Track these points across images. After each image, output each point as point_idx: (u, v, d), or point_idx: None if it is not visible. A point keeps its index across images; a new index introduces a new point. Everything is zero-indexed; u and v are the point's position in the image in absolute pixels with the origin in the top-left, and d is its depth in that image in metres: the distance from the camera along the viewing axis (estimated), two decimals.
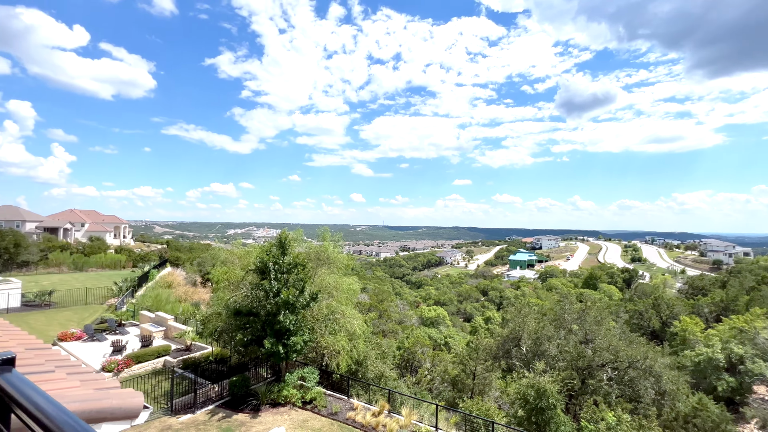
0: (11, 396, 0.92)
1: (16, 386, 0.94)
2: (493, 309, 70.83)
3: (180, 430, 12.54)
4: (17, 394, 0.92)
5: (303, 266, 16.36)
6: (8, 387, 0.94)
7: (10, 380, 0.97)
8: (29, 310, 24.45)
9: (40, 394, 0.91)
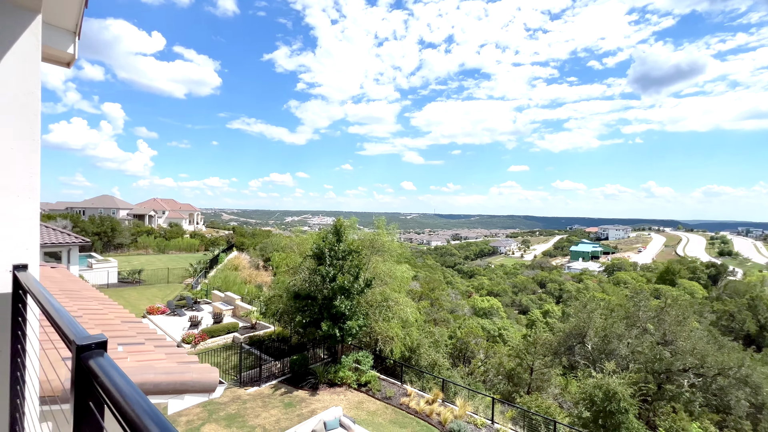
0: (102, 382, 0.84)
1: (106, 372, 0.88)
2: (551, 302, 66.99)
3: (247, 400, 13.61)
4: (107, 380, 0.87)
5: (357, 253, 16.66)
6: (100, 372, 0.88)
7: (101, 364, 0.91)
8: (124, 287, 28.05)
9: (128, 383, 0.84)
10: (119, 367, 0.94)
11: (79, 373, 0.97)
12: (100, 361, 0.96)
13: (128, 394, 0.84)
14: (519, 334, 37.11)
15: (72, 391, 0.99)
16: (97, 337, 1.04)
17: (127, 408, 0.80)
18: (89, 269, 27.17)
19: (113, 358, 2.62)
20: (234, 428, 11.73)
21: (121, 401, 0.83)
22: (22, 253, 2.36)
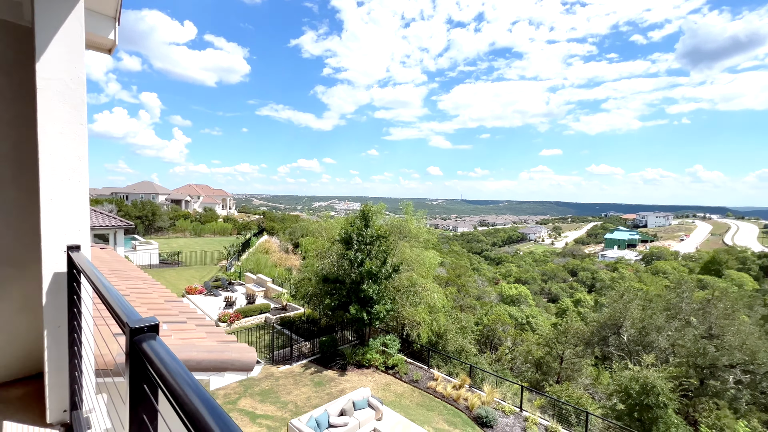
0: (156, 366, 0.80)
1: (159, 356, 0.84)
2: (583, 291, 64.85)
3: (280, 378, 14.20)
4: (160, 364, 0.88)
5: (385, 238, 16.69)
6: (153, 356, 0.85)
7: (154, 348, 0.88)
8: (164, 267, 29.75)
9: (180, 368, 0.81)
10: (171, 351, 0.92)
11: (133, 356, 0.96)
12: (153, 344, 0.94)
13: (181, 379, 0.82)
14: (548, 323, 36.32)
15: (127, 374, 0.98)
16: (149, 320, 1.02)
17: (180, 392, 0.78)
18: (133, 251, 28.96)
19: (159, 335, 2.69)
20: (268, 403, 12.30)
21: (175, 386, 0.80)
22: (75, 234, 2.46)
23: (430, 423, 11.74)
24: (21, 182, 2.93)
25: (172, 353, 0.92)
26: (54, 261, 2.39)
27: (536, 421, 12.12)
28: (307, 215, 75.43)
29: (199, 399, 0.75)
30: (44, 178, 2.32)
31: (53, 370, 2.43)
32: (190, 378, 0.82)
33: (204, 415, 0.71)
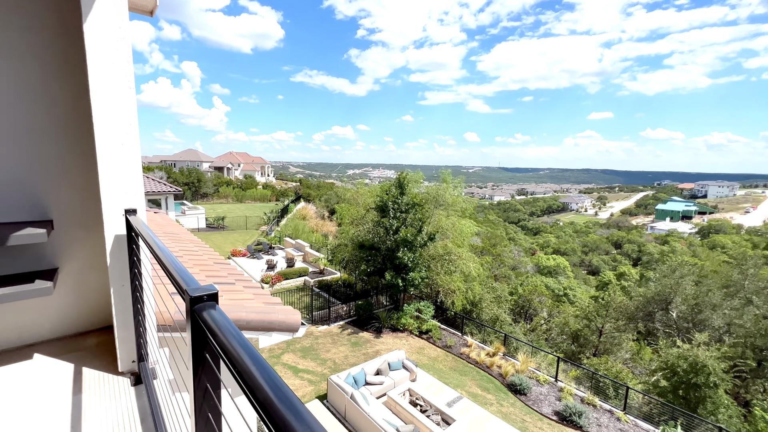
0: (216, 336, 0.85)
1: (219, 325, 0.78)
2: (627, 264, 61.75)
3: (319, 337, 15.02)
4: (220, 333, 0.85)
5: (421, 206, 16.51)
6: (213, 324, 0.78)
7: (214, 317, 0.81)
8: (210, 231, 31.68)
9: (240, 338, 0.78)
10: (229, 320, 0.87)
11: (194, 323, 0.93)
12: (213, 314, 0.90)
13: (240, 348, 0.76)
14: (587, 295, 35.22)
15: (189, 340, 0.96)
16: (208, 289, 0.98)
17: (240, 360, 0.74)
18: (183, 215, 30.96)
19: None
20: (309, 359, 13.12)
21: (234, 354, 0.76)
22: (131, 198, 2.54)
23: (463, 387, 12.02)
24: (81, 149, 3.06)
25: (230, 322, 0.87)
26: (114, 224, 2.50)
27: (572, 392, 12.03)
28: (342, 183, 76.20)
29: (259, 372, 0.71)
30: (99, 143, 2.38)
31: (121, 324, 2.62)
32: (249, 348, 0.78)
33: (263, 385, 0.67)
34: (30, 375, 2.69)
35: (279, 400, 0.62)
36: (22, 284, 2.67)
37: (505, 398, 11.62)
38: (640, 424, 10.84)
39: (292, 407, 0.60)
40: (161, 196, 26.01)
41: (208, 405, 0.97)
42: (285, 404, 0.61)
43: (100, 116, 2.36)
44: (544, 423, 10.56)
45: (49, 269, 3.01)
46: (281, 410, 0.60)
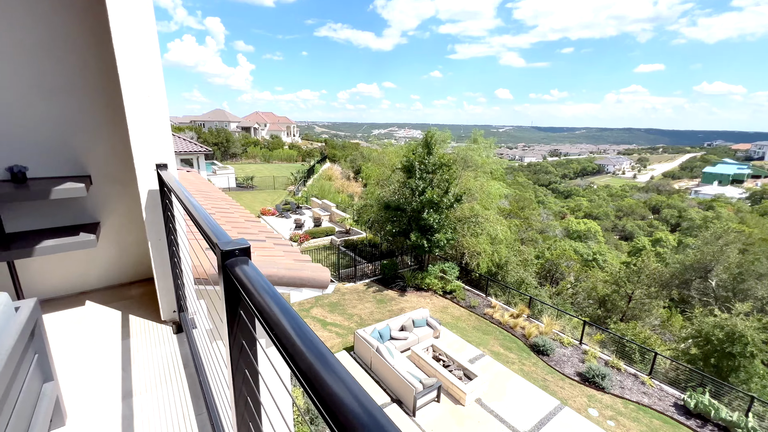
0: (249, 291, 0.81)
1: (251, 279, 0.70)
2: (664, 230, 58.89)
3: (345, 293, 15.59)
4: (253, 288, 0.80)
5: (448, 167, 16.06)
6: (245, 279, 0.71)
7: (246, 272, 0.74)
8: (240, 191, 32.62)
9: (273, 293, 0.73)
10: (261, 274, 0.81)
11: (226, 278, 0.88)
12: (245, 269, 0.84)
13: (273, 304, 0.70)
14: (618, 261, 34.23)
15: (222, 294, 0.91)
16: (239, 243, 0.92)
17: (273, 316, 0.69)
18: (214, 174, 31.89)
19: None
20: (336, 314, 13.74)
21: (268, 309, 0.70)
22: (161, 153, 2.52)
23: (486, 345, 12.29)
24: (111, 106, 3.05)
25: (263, 277, 0.81)
26: (147, 179, 2.52)
27: (596, 355, 12.04)
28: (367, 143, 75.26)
29: (291, 327, 0.66)
30: (127, 96, 2.33)
31: (160, 276, 2.72)
32: (281, 302, 0.73)
33: (295, 339, 0.63)
34: (84, 319, 2.90)
35: (309, 351, 0.58)
36: (69, 236, 2.80)
37: (527, 358, 11.81)
38: (665, 388, 10.80)
39: (321, 357, 0.55)
40: (193, 156, 26.74)
41: (244, 360, 0.95)
42: (315, 354, 0.57)
43: (125, 68, 2.29)
44: (566, 383, 10.72)
45: (92, 223, 3.14)
46: (312, 361, 0.55)
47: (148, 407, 2.04)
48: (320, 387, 0.49)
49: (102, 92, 3.02)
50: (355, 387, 0.49)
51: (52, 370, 1.80)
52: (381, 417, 0.43)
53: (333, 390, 0.48)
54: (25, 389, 1.56)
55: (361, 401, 0.46)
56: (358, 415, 0.43)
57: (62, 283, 3.24)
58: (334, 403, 0.46)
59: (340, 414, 0.45)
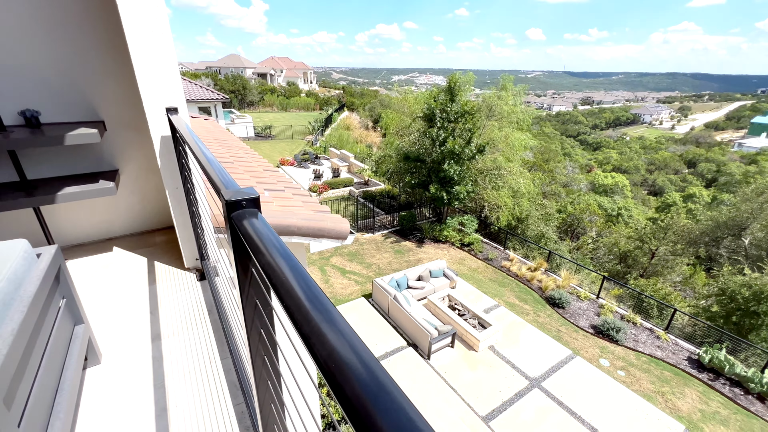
0: (255, 246, 0.71)
1: (261, 235, 0.57)
2: (699, 185, 55.94)
3: (364, 243, 15.87)
4: (261, 244, 0.69)
5: (471, 115, 15.24)
6: (254, 235, 0.58)
7: (255, 226, 0.61)
8: (258, 140, 32.47)
9: (282, 250, 0.62)
10: (273, 230, 0.70)
11: (233, 232, 0.77)
12: (253, 222, 0.73)
13: (285, 264, 0.59)
14: (644, 217, 33.16)
15: (232, 251, 0.82)
16: (247, 192, 0.80)
17: (283, 279, 0.58)
18: (232, 123, 31.66)
19: (262, 202, 2.73)
20: (355, 263, 14.12)
21: (277, 271, 0.59)
22: (170, 96, 2.37)
23: (501, 297, 12.49)
24: (117, 46, 2.86)
25: (272, 232, 0.70)
26: (158, 124, 2.40)
27: (612, 309, 12.07)
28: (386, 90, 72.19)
29: (301, 288, 0.56)
30: (128, 32, 2.14)
31: (180, 225, 2.72)
32: (292, 261, 0.62)
33: (305, 307, 0.51)
34: (111, 265, 2.99)
35: (317, 311, 0.49)
36: (88, 183, 2.79)
37: (542, 310, 11.99)
38: (680, 343, 10.85)
39: (328, 315, 0.45)
40: (210, 104, 26.40)
41: (259, 319, 0.87)
42: (321, 313, 0.49)
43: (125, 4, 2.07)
44: (579, 334, 10.92)
45: (110, 171, 3.12)
46: (318, 323, 0.48)
47: (176, 350, 2.11)
48: (322, 345, 0.40)
49: (104, 29, 2.82)
50: (359, 346, 0.40)
51: (82, 313, 1.85)
52: (383, 377, 0.38)
53: (336, 348, 0.39)
54: (55, 331, 1.60)
55: (364, 360, 0.38)
56: (359, 374, 0.38)
57: (89, 229, 3.32)
58: (335, 360, 0.41)
59: (338, 373, 0.39)
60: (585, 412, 8.03)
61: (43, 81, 2.75)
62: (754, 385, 8.93)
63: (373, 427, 0.31)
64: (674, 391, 8.97)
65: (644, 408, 8.30)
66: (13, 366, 1.13)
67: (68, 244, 3.22)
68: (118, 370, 1.95)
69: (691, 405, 8.61)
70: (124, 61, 2.91)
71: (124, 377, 1.91)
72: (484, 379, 8.75)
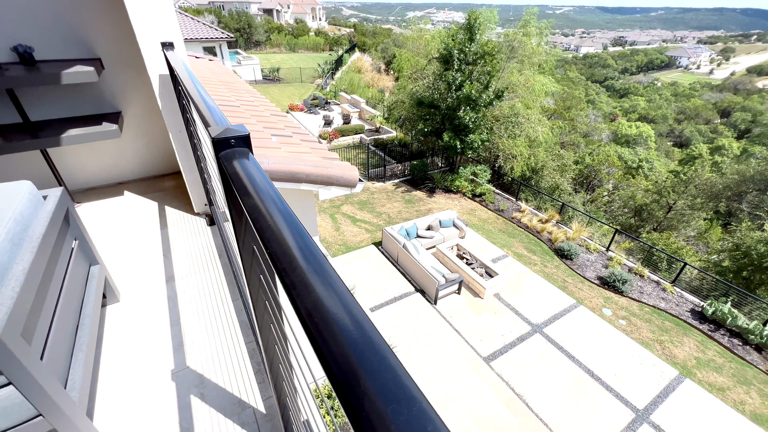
0: (244, 187, 0.64)
1: (249, 174, 0.50)
2: (730, 136, 52.89)
3: (375, 192, 15.85)
4: (248, 184, 0.64)
5: (492, 57, 14.19)
6: (244, 177, 0.52)
7: (245, 167, 0.54)
8: (266, 83, 31.30)
9: (273, 195, 0.58)
10: (264, 172, 0.65)
11: (222, 175, 0.72)
12: (244, 164, 0.67)
13: (272, 209, 0.54)
14: (665, 170, 31.96)
15: (223, 195, 0.77)
16: (236, 130, 0.73)
17: (267, 222, 0.53)
18: (238, 65, 30.36)
19: (268, 147, 2.65)
20: (365, 211, 14.22)
21: (264, 213, 0.54)
22: (165, 30, 2.21)
23: (510, 247, 12.59)
24: None
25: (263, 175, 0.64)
26: (155, 61, 2.27)
27: (621, 261, 12.11)
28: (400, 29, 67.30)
29: (294, 238, 0.50)
30: None
31: (186, 169, 2.69)
32: (283, 208, 0.56)
33: (296, 258, 0.46)
34: (123, 209, 3.04)
35: (303, 257, 0.45)
36: (92, 126, 2.73)
37: (550, 261, 12.10)
38: (685, 295, 10.98)
39: (321, 269, 0.40)
40: (215, 43, 25.14)
41: (257, 265, 0.85)
42: (314, 267, 0.44)
43: None
44: (585, 285, 11.10)
45: (113, 113, 3.04)
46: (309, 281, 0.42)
47: (189, 290, 2.19)
48: (307, 294, 0.36)
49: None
50: (348, 299, 0.36)
51: (96, 254, 1.89)
52: (372, 333, 0.35)
53: (322, 299, 0.35)
54: (71, 271, 1.65)
55: (353, 314, 0.35)
56: (345, 327, 0.35)
57: (99, 173, 3.33)
58: (319, 310, 0.37)
59: (322, 324, 0.36)
60: (582, 355, 8.42)
61: (33, 15, 2.58)
62: (753, 336, 9.13)
63: (358, 389, 0.29)
64: (672, 340, 9.25)
65: (641, 354, 8.65)
66: (28, 303, 1.17)
67: (80, 187, 3.25)
68: (136, 308, 2.05)
69: (687, 353, 8.92)
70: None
71: (142, 315, 2.00)
72: (487, 323, 9.13)
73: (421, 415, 0.26)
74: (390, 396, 0.27)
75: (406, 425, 0.25)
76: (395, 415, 0.26)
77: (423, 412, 0.26)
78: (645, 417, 7.19)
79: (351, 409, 0.25)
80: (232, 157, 0.69)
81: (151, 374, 1.68)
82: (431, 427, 0.24)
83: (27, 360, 1.07)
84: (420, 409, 0.26)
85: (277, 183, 3.14)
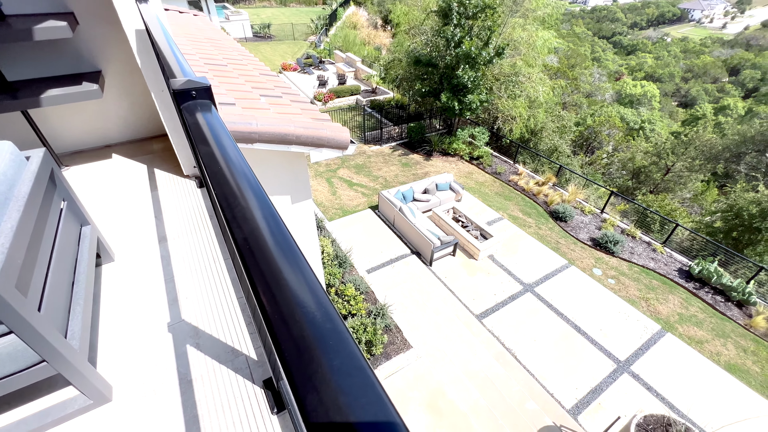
0: (203, 137, 0.65)
1: (212, 128, 0.54)
2: (737, 95, 51.61)
3: (371, 156, 15.67)
4: (206, 133, 0.65)
5: (493, 10, 13.46)
6: (206, 129, 0.55)
7: (209, 120, 0.58)
8: (257, 41, 29.81)
9: (224, 144, 0.52)
10: (225, 125, 0.66)
11: (185, 128, 0.73)
12: (207, 117, 0.68)
13: (219, 156, 0.57)
14: (667, 131, 31.48)
15: (189, 149, 0.79)
16: (197, 81, 0.73)
17: (219, 165, 0.56)
18: (227, 21, 28.74)
19: (257, 108, 2.61)
20: (362, 175, 14.15)
21: (218, 159, 0.57)
22: None
23: (505, 210, 12.69)
24: None
25: (224, 128, 0.66)
26: (129, 15, 2.17)
27: (614, 223, 12.28)
28: None
29: (252, 193, 0.53)
30: None
31: (172, 131, 2.66)
32: (232, 154, 0.59)
33: (253, 217, 0.49)
34: (112, 172, 3.03)
35: (241, 195, 0.46)
36: (71, 85, 2.66)
37: (544, 223, 12.26)
38: (675, 255, 11.26)
39: (284, 241, 0.43)
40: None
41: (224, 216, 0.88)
42: (273, 232, 0.45)
43: None
44: (577, 246, 11.33)
45: (93, 72, 2.94)
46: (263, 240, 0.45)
47: (182, 250, 2.26)
48: (260, 257, 0.39)
49: None
50: (304, 266, 0.38)
51: (86, 215, 1.93)
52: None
53: (274, 263, 0.38)
54: (62, 230, 1.69)
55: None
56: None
57: (84, 136, 3.28)
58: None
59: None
60: (570, 313, 8.79)
61: None
62: (736, 293, 9.49)
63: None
64: (658, 298, 9.62)
65: (626, 311, 9.03)
66: (19, 258, 1.22)
67: (66, 150, 3.22)
68: (131, 266, 2.12)
69: (671, 309, 9.31)
70: None
71: (137, 273, 2.08)
72: (480, 283, 9.42)
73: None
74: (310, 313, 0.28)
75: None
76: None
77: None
78: (626, 367, 7.65)
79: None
80: (194, 110, 0.70)
81: (149, 327, 1.78)
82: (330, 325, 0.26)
83: (24, 311, 1.14)
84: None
85: (267, 145, 3.12)
